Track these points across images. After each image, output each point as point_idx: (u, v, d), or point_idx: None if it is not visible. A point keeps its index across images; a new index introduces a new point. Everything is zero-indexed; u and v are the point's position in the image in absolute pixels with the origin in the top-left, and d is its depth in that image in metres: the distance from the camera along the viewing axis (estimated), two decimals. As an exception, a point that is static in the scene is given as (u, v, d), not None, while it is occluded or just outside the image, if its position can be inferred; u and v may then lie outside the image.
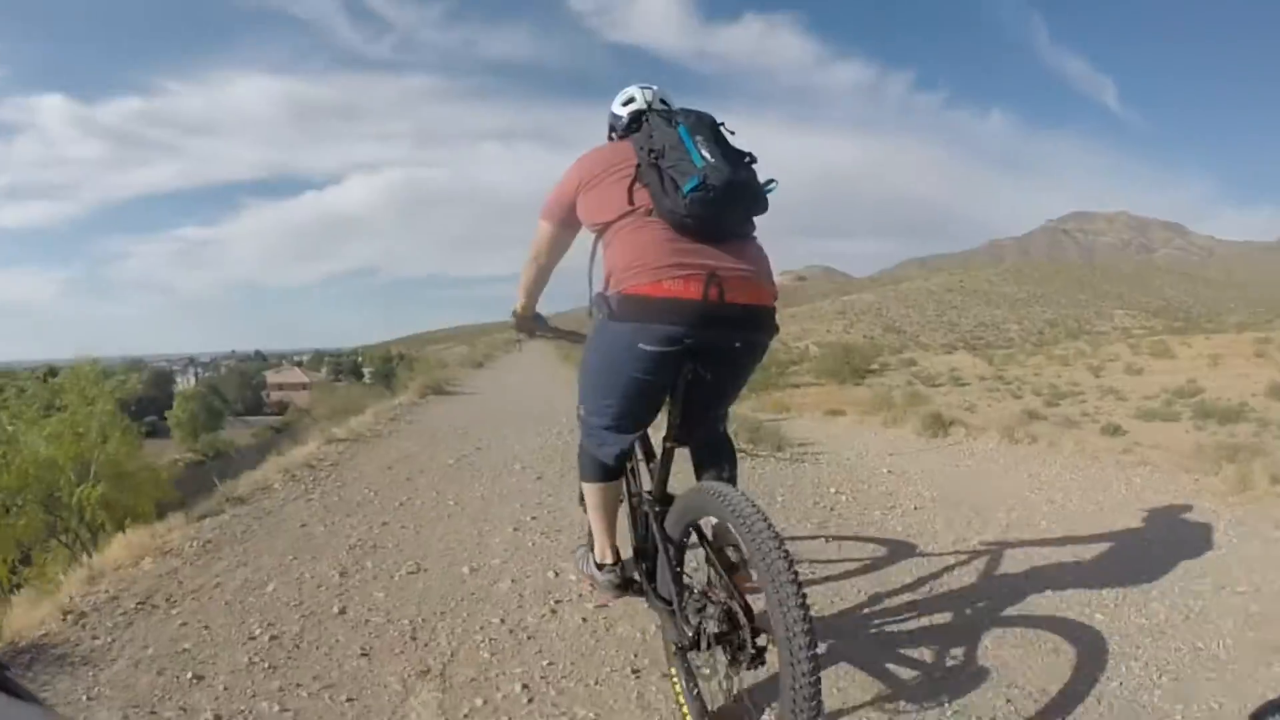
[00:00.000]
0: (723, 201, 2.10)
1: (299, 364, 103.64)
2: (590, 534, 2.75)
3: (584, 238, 2.55)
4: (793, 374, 37.74)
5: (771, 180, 2.27)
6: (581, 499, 2.76)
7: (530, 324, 3.08)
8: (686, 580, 2.23)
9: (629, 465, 2.63)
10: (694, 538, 2.19)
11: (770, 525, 1.85)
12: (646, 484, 2.54)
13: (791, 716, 1.73)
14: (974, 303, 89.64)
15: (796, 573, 1.79)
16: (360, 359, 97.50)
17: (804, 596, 1.76)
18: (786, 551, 1.80)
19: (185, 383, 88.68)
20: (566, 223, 2.56)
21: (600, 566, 2.66)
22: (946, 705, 2.42)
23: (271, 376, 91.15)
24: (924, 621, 3.06)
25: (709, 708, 2.17)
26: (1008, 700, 2.43)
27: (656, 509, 2.38)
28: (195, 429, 52.33)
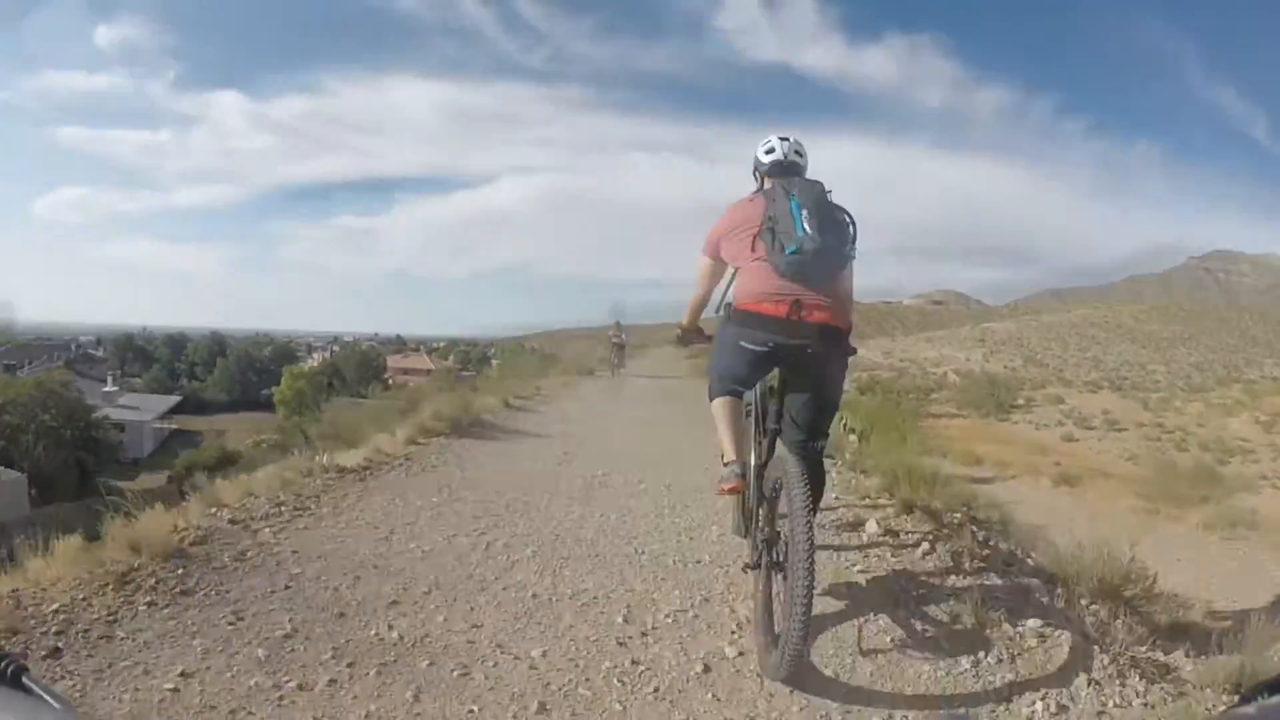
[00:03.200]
0: (811, 264, 3.09)
1: (432, 350, 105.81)
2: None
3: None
4: (933, 402, 37.34)
5: (853, 245, 3.26)
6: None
7: (691, 336, 4.20)
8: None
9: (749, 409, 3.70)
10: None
11: (806, 493, 2.80)
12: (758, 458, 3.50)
13: (789, 618, 2.70)
14: (1117, 339, 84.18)
15: (810, 524, 2.74)
16: (493, 349, 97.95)
17: (811, 538, 2.70)
18: (810, 509, 2.79)
19: (313, 360, 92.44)
20: (716, 258, 3.59)
21: (725, 463, 3.31)
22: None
23: (395, 360, 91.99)
24: None
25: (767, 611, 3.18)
26: None
27: (757, 474, 3.41)
28: (300, 406, 51.51)
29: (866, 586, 3.96)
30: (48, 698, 0.81)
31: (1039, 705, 2.88)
